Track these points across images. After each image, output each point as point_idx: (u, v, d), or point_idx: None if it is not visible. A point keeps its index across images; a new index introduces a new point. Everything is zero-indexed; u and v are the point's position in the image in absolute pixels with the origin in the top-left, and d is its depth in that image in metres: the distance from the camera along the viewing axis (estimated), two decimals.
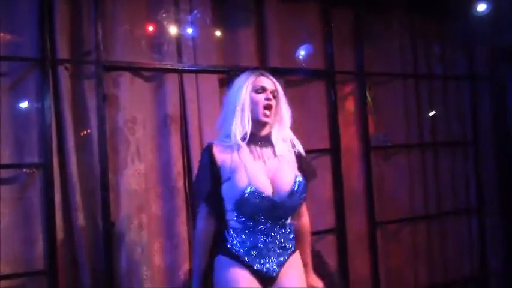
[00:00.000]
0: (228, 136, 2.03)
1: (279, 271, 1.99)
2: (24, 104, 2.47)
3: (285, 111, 2.12)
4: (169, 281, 2.71)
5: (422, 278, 3.60)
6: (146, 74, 2.77)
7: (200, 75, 2.86)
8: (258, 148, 2.04)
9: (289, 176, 2.02)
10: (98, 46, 2.56)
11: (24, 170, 2.43)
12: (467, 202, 3.86)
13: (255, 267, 1.96)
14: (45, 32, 2.47)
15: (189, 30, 2.87)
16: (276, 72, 3.03)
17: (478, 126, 3.90)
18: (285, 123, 2.12)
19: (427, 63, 3.76)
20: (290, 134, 2.14)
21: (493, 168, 3.94)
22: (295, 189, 2.00)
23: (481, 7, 3.49)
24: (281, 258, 2.00)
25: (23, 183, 2.42)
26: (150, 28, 2.81)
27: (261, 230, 1.98)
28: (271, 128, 2.10)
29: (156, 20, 2.81)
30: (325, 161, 3.24)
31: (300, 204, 2.11)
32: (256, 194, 1.94)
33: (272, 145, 2.08)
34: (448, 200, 3.78)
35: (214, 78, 2.91)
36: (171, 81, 2.79)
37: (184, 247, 2.73)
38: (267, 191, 1.97)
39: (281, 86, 3.00)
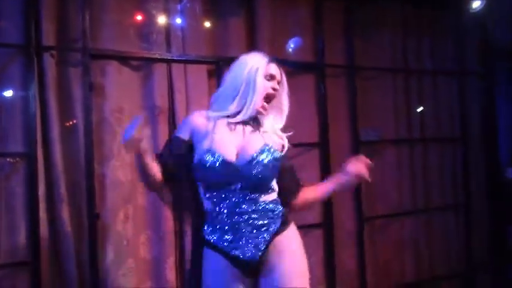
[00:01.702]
0: (219, 109, 1.96)
1: (262, 255, 1.82)
2: (8, 92, 2.41)
3: (285, 104, 2.04)
4: (155, 273, 2.68)
5: (409, 273, 3.60)
6: (134, 63, 2.73)
7: (189, 66, 2.82)
8: (239, 125, 1.94)
9: (257, 143, 1.91)
10: (85, 34, 2.50)
11: (8, 159, 2.37)
12: (455, 197, 3.87)
13: (232, 254, 1.81)
14: (31, 18, 2.41)
15: (178, 20, 2.82)
16: None
17: (466, 122, 3.90)
18: (282, 115, 2.04)
19: (418, 57, 3.75)
20: (281, 126, 2.05)
21: (481, 164, 3.95)
22: (257, 154, 1.86)
23: (475, 3, 3.48)
24: (259, 240, 1.82)
25: (6, 173, 2.37)
26: (139, 17, 2.75)
27: (228, 208, 1.83)
28: (264, 116, 2.01)
29: (145, 9, 2.76)
30: (314, 155, 3.22)
31: (268, 177, 1.91)
32: (216, 157, 1.83)
33: (257, 124, 1.98)
34: (436, 196, 3.78)
35: (203, 69, 2.87)
36: (159, 71, 2.75)
37: (170, 239, 2.70)
38: (229, 156, 1.85)
39: None
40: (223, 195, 1.85)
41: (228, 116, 1.94)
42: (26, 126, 2.38)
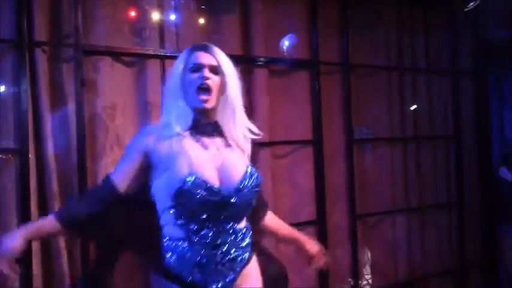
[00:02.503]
0: (168, 126, 1.73)
1: None
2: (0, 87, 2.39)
3: (233, 91, 1.78)
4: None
5: (401, 270, 3.61)
6: (127, 59, 2.70)
7: None
8: (205, 138, 1.73)
9: (239, 166, 1.72)
10: (78, 29, 2.47)
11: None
12: (448, 196, 3.88)
13: None
14: (23, 13, 2.38)
15: (172, 16, 2.80)
16: (259, 62, 3.04)
17: (460, 120, 3.91)
18: (234, 106, 1.78)
19: (412, 56, 3.75)
20: (244, 120, 1.85)
21: (474, 163, 3.97)
22: (246, 181, 1.70)
23: (469, 3, 3.50)
24: (232, 275, 1.68)
25: None
26: (132, 12, 2.73)
27: (205, 238, 1.63)
28: (217, 113, 1.78)
29: (138, 5, 2.73)
30: (308, 153, 3.21)
31: (252, 204, 1.76)
32: (200, 183, 1.60)
33: (222, 134, 1.78)
34: (429, 194, 3.79)
35: None
36: (153, 67, 2.73)
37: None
38: (213, 181, 1.65)
39: (265, 75, 3.09)
40: (200, 225, 1.64)
41: (184, 129, 1.73)
42: (17, 122, 2.35)
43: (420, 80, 3.79)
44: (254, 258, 1.81)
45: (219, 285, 1.66)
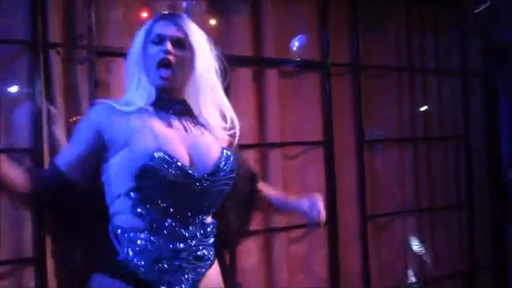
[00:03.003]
0: (128, 102, 1.48)
1: None
2: (14, 88, 2.40)
3: (202, 68, 1.51)
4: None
5: (412, 272, 3.61)
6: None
7: None
8: (171, 116, 1.48)
9: (213, 148, 1.48)
10: (91, 30, 2.49)
11: (14, 155, 2.37)
12: (458, 196, 3.87)
13: None
14: (37, 14, 2.40)
15: None
16: (270, 63, 3.05)
17: (469, 121, 3.90)
18: (203, 86, 1.52)
19: (422, 56, 3.75)
20: (220, 105, 1.58)
21: (483, 163, 3.96)
22: (222, 164, 1.45)
23: (479, 3, 3.50)
24: (197, 275, 1.41)
25: None
26: (145, 13, 2.75)
27: (168, 229, 1.36)
28: (185, 92, 1.53)
29: (150, 6, 2.75)
30: (318, 154, 3.22)
31: (223, 193, 1.50)
32: (169, 160, 1.34)
33: (191, 114, 1.53)
34: (439, 195, 3.79)
35: None
36: None
37: None
38: (184, 160, 1.39)
39: (275, 76, 3.10)
40: (165, 213, 1.38)
41: (148, 104, 1.48)
42: (32, 122, 2.37)
43: (430, 80, 3.78)
44: (216, 265, 1.54)
45: (183, 286, 1.38)
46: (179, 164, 1.36)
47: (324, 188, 3.20)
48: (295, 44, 3.21)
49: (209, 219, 1.48)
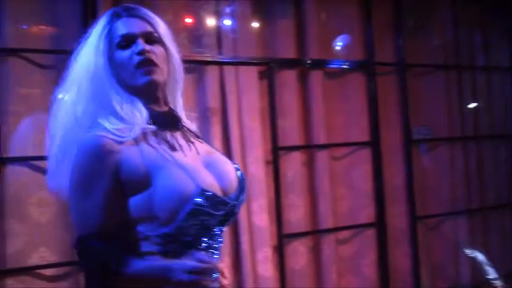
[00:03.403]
0: (124, 130, 1.20)
1: None
2: None
3: (174, 59, 1.34)
4: None
5: (464, 274, 3.52)
6: (186, 66, 2.76)
7: (240, 67, 2.85)
8: (167, 133, 1.27)
9: (226, 163, 1.33)
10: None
11: None
12: (510, 196, 3.76)
13: None
14: (88, 24, 2.47)
15: (229, 22, 2.86)
16: (315, 64, 3.05)
17: None
18: (178, 80, 1.37)
19: (470, 53, 3.67)
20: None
21: None
22: (244, 182, 1.32)
23: None
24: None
25: None
26: (190, 20, 2.81)
27: (195, 255, 1.19)
28: (168, 95, 1.34)
29: (196, 12, 2.81)
30: (365, 154, 3.19)
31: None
32: (214, 199, 1.19)
33: (177, 125, 1.32)
34: (491, 194, 3.69)
35: (254, 70, 2.89)
36: (211, 73, 2.78)
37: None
38: (216, 189, 1.23)
39: (320, 77, 3.10)
40: (194, 243, 1.22)
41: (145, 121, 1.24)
42: None
43: (479, 78, 3.69)
44: None
45: None
46: (218, 198, 1.21)
47: (372, 189, 3.17)
48: (339, 45, 3.20)
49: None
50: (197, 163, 1.25)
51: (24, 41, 2.42)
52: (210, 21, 2.83)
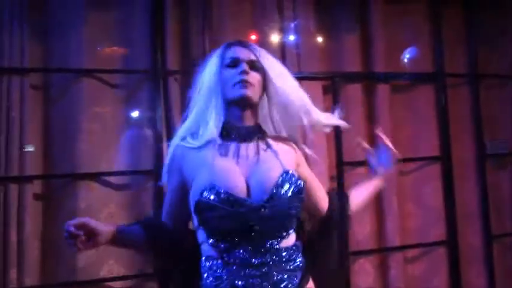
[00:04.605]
0: (194, 134, 1.55)
1: None
2: (138, 114, 2.59)
3: (280, 85, 1.56)
4: None
5: None
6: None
7: (304, 82, 2.80)
8: (237, 143, 1.52)
9: (274, 170, 1.47)
10: (205, 57, 2.61)
11: (139, 176, 2.54)
12: None
13: None
14: (157, 45, 2.57)
15: (293, 38, 2.86)
16: (381, 78, 2.99)
17: None
18: (273, 103, 1.59)
19: None
20: (292, 119, 1.60)
21: None
22: (277, 188, 1.43)
23: None
24: None
25: (137, 189, 2.53)
26: (254, 36, 2.84)
27: (239, 258, 1.39)
28: (258, 113, 1.60)
29: (259, 28, 2.83)
30: (436, 170, 3.07)
31: (292, 214, 1.47)
32: (222, 194, 1.39)
33: (258, 138, 1.56)
34: None
35: (318, 85, 2.87)
36: None
37: None
38: (238, 191, 1.42)
39: (386, 90, 3.02)
40: (232, 243, 1.41)
41: (220, 135, 1.53)
42: (154, 145, 2.53)
43: None
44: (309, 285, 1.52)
45: None
46: (231, 197, 1.39)
47: (442, 206, 3.04)
48: (407, 57, 3.12)
49: (284, 244, 1.46)
50: (235, 169, 1.45)
51: (98, 62, 2.55)
52: (274, 37, 2.85)
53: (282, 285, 1.40)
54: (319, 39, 2.95)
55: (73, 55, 2.48)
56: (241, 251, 1.40)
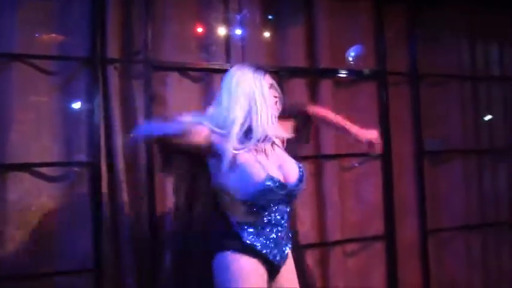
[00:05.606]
0: (227, 128, 1.92)
1: (282, 265, 1.98)
2: (74, 103, 2.49)
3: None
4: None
5: None
6: (194, 74, 2.75)
7: None
8: (266, 146, 2.00)
9: (293, 165, 2.02)
10: (147, 46, 2.56)
11: (73, 168, 2.45)
12: None
13: (270, 258, 1.93)
14: (96, 32, 2.48)
15: (238, 31, 2.83)
16: (325, 73, 3.01)
17: None
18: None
19: (486, 64, 3.58)
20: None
21: None
22: (302, 174, 2.00)
23: None
24: (286, 251, 2.00)
25: (72, 182, 2.44)
26: (199, 29, 2.79)
27: (274, 220, 1.95)
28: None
29: (204, 20, 2.79)
30: (376, 166, 3.13)
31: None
32: (276, 183, 1.89)
33: (268, 141, 2.02)
34: (506, 209, 3.59)
35: None
36: (219, 82, 2.74)
37: None
38: (281, 178, 1.95)
39: (329, 86, 3.06)
40: (269, 211, 1.94)
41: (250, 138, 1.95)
42: (90, 136, 2.45)
43: (495, 89, 3.60)
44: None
45: (281, 256, 1.97)
46: (280, 184, 1.91)
47: (381, 202, 3.11)
48: (351, 54, 3.15)
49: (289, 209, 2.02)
50: (272, 164, 1.96)
51: (32, 48, 2.43)
52: (219, 29, 2.81)
53: (289, 236, 2.02)
54: (265, 33, 2.94)
55: (2, 38, 2.35)
56: (276, 216, 1.95)
